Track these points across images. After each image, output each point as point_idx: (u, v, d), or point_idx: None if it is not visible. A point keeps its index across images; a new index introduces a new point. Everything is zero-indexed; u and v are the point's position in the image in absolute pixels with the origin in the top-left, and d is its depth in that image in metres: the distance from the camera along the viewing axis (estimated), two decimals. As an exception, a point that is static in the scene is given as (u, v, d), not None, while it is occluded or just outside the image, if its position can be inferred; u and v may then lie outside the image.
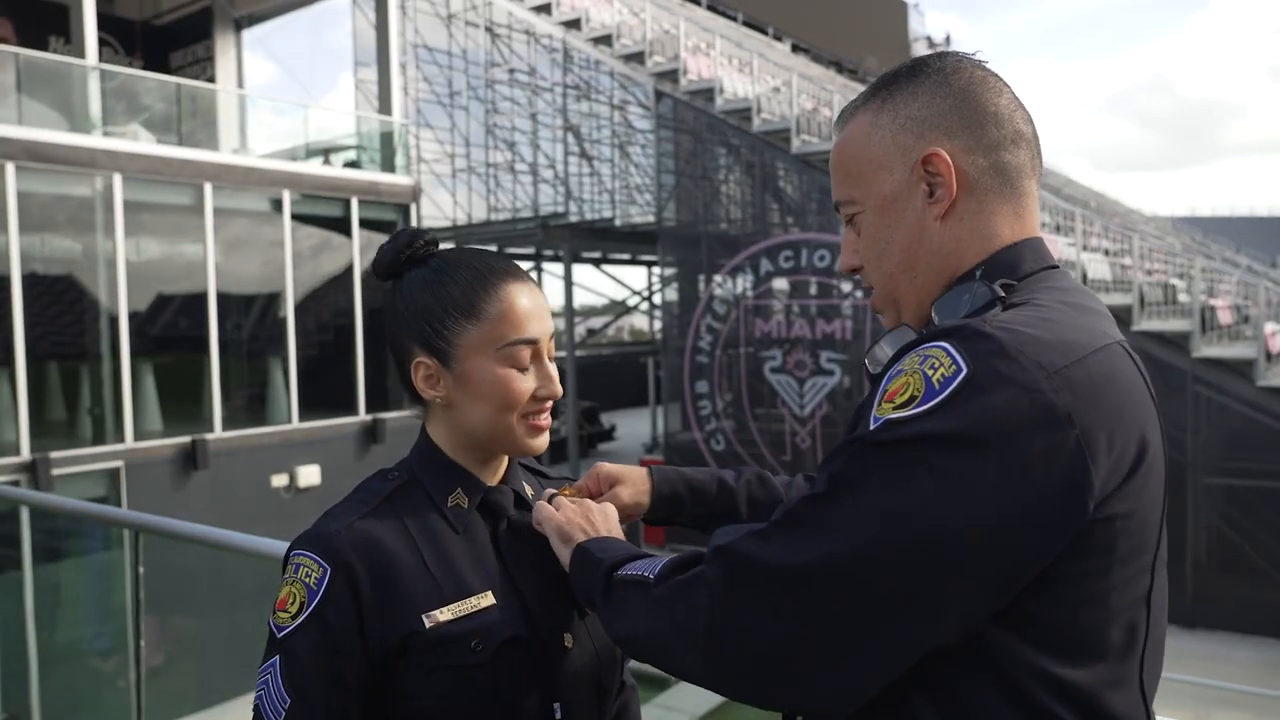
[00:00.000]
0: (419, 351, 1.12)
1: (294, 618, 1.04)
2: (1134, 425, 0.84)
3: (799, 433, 16.39)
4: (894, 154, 0.98)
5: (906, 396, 0.82)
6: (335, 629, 1.04)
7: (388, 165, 13.85)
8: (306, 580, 1.05)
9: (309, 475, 11.48)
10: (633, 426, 27.40)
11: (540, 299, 1.15)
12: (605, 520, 1.15)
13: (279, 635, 1.05)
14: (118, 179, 10.22)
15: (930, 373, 0.82)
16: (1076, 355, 0.83)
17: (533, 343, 1.12)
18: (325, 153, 13.87)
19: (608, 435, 27.03)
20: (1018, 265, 0.96)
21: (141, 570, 2.41)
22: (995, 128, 0.96)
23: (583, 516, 1.13)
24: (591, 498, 1.24)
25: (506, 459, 1.21)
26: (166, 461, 10.45)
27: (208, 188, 11.07)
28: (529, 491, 1.23)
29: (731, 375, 17.21)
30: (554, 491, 1.20)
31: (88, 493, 9.92)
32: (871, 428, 0.83)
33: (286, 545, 1.14)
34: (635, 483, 1.26)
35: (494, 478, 1.19)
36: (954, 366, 0.81)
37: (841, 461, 0.84)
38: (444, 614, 1.06)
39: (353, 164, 13.89)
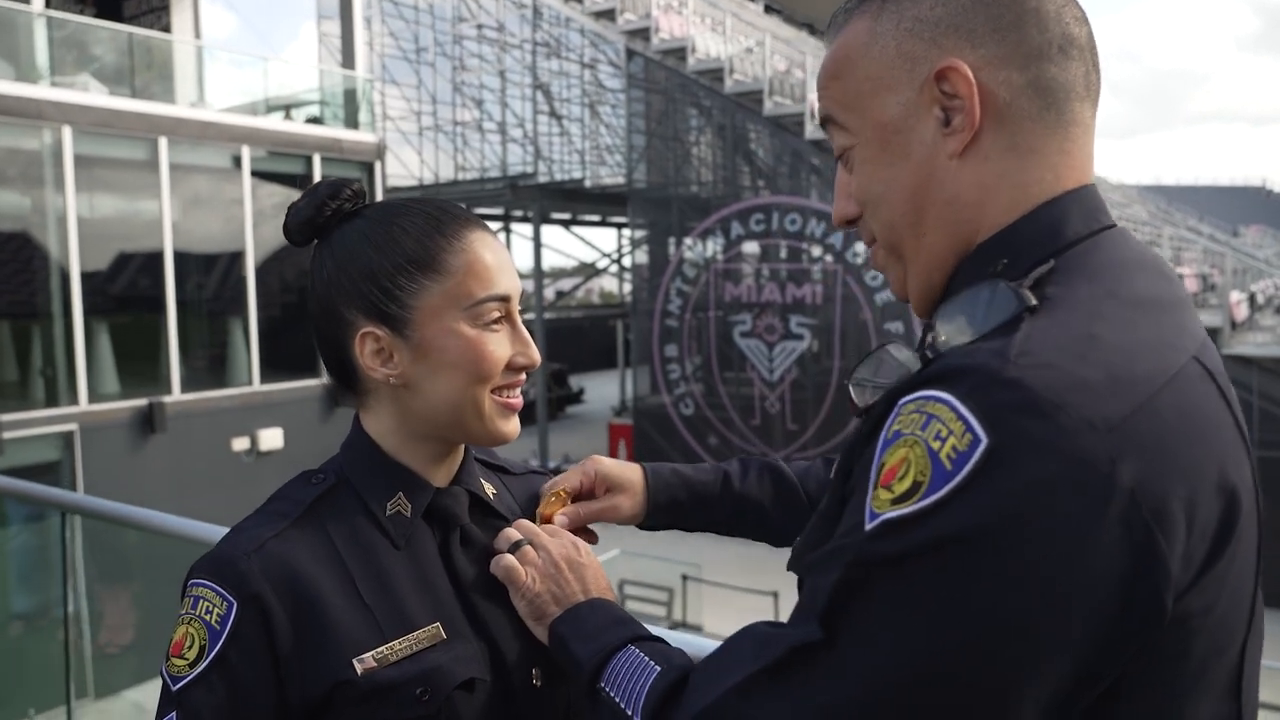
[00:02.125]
0: (364, 321, 0.91)
1: (192, 665, 0.84)
2: (1220, 482, 0.63)
3: (768, 397, 16.38)
4: (899, 68, 0.74)
5: (909, 482, 0.61)
6: (244, 679, 0.84)
7: (351, 122, 13.48)
8: (207, 618, 0.84)
9: (271, 439, 11.25)
10: (601, 389, 27.33)
11: (505, 251, 0.96)
12: (580, 572, 0.93)
13: (174, 687, 0.84)
14: (68, 131, 9.83)
15: (936, 445, 0.60)
16: (1141, 396, 0.61)
17: (504, 300, 0.93)
18: (286, 108, 13.48)
19: (576, 398, 26.96)
20: (1060, 229, 0.72)
21: (67, 549, 2.25)
22: (1037, 30, 0.72)
23: (554, 579, 0.93)
24: (588, 496, 1.07)
25: (461, 454, 1.00)
26: (123, 424, 10.18)
27: (163, 142, 10.69)
28: (489, 491, 1.02)
29: (701, 339, 17.14)
30: (518, 539, 0.97)
31: (40, 457, 9.65)
32: (867, 527, 0.62)
33: (226, 530, 0.97)
34: (635, 492, 1.07)
35: (445, 477, 0.98)
36: (968, 435, 0.59)
37: (831, 591, 0.63)
38: (380, 657, 0.86)
39: (315, 120, 13.53)
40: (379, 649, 0.87)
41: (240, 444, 11.12)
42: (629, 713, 0.77)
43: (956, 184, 0.74)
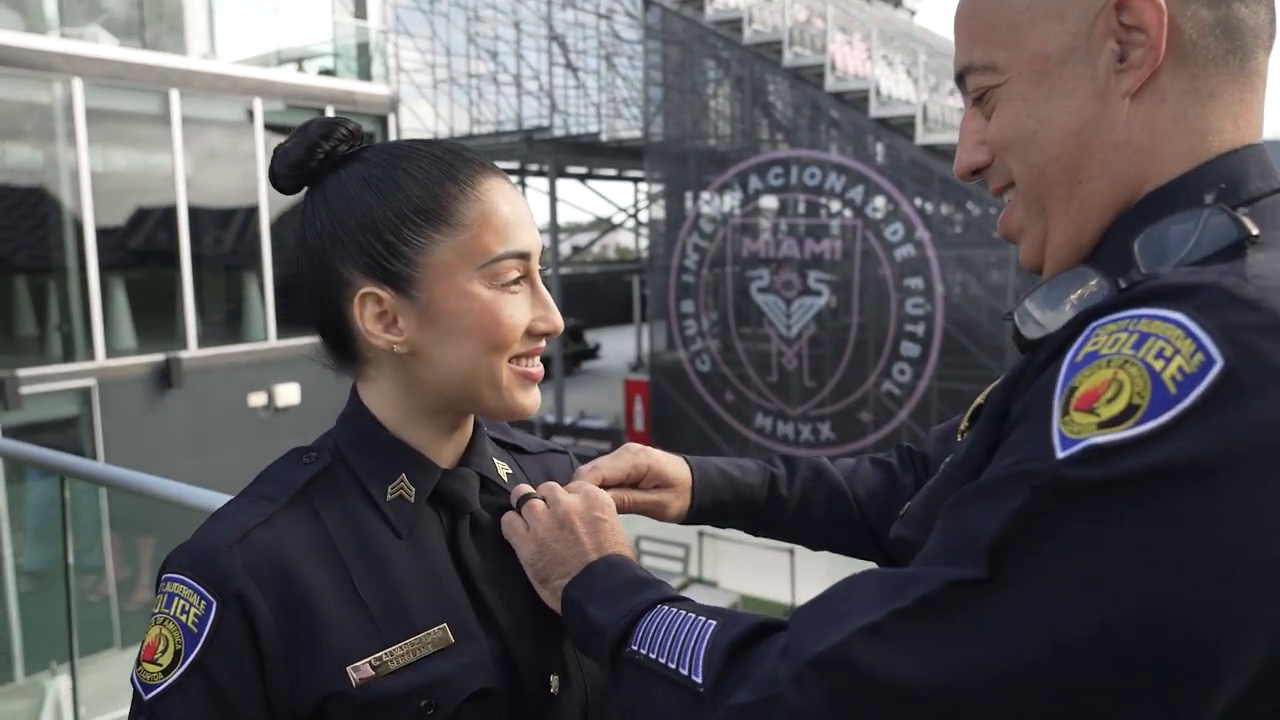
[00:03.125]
0: (363, 279, 0.81)
1: (166, 672, 0.74)
2: None
3: (785, 354, 16.27)
4: None
5: (1121, 405, 0.52)
6: (224, 688, 0.74)
7: (364, 74, 13.31)
8: (182, 618, 0.75)
9: (288, 394, 11.26)
10: (617, 345, 27.29)
11: (524, 202, 0.86)
12: (596, 528, 0.84)
13: (146, 696, 0.75)
14: (78, 84, 9.72)
15: (1158, 364, 0.52)
16: None
17: (523, 257, 0.83)
18: (299, 60, 13.32)
19: (592, 354, 26.94)
20: (1242, 183, 0.64)
21: (67, 509, 2.20)
22: None
23: (561, 537, 0.83)
24: (633, 486, 0.97)
25: (471, 430, 0.90)
26: (140, 380, 10.19)
27: (174, 95, 10.57)
28: (503, 472, 0.93)
29: (717, 294, 17.01)
30: (528, 493, 0.88)
31: (59, 412, 9.71)
32: (1061, 455, 0.53)
33: (225, 498, 0.89)
34: (682, 491, 0.99)
35: (452, 457, 0.88)
36: (1199, 355, 0.51)
37: (1007, 520, 0.54)
38: (378, 664, 0.76)
39: (328, 72, 13.36)
40: (377, 655, 0.77)
41: (257, 400, 11.14)
42: (683, 672, 0.67)
43: (1128, 127, 0.66)
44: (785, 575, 10.66)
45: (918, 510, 0.70)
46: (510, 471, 0.94)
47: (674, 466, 0.99)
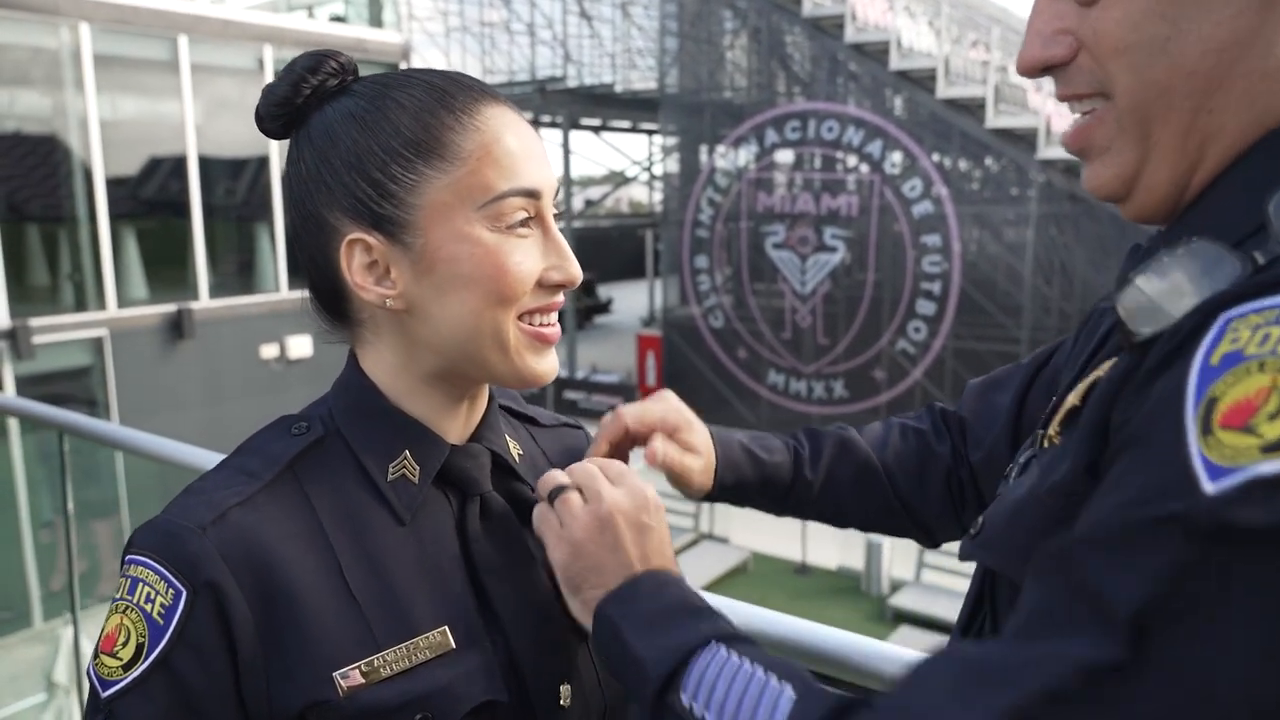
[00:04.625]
0: (350, 225, 0.70)
1: (127, 668, 0.64)
2: None
3: (799, 310, 16.16)
4: None
5: None
6: (193, 689, 0.64)
7: (376, 21, 13.12)
8: (146, 607, 0.64)
9: (300, 346, 11.25)
10: (630, 299, 27.23)
11: (534, 135, 0.74)
12: (643, 535, 0.71)
13: (103, 694, 0.65)
14: (85, 28, 9.59)
15: None
16: None
17: (532, 195, 0.71)
18: (309, 6, 13.14)
19: (604, 308, 26.89)
20: None
21: (66, 464, 2.16)
22: None
23: (601, 541, 0.71)
24: (645, 440, 0.88)
25: (484, 401, 0.80)
26: (152, 331, 10.19)
27: (183, 40, 10.44)
28: (515, 451, 0.82)
29: (731, 250, 16.87)
30: (561, 484, 0.75)
31: (71, 361, 9.74)
32: (1212, 490, 0.41)
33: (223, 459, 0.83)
34: (706, 462, 0.90)
35: (461, 431, 0.78)
36: None
37: (1153, 578, 0.42)
38: (368, 670, 0.67)
39: (338, 19, 13.19)
40: (368, 659, 0.67)
41: (269, 351, 11.14)
42: None
43: None
44: (796, 533, 10.68)
45: (997, 531, 0.58)
46: (522, 452, 0.84)
47: (702, 437, 0.91)
